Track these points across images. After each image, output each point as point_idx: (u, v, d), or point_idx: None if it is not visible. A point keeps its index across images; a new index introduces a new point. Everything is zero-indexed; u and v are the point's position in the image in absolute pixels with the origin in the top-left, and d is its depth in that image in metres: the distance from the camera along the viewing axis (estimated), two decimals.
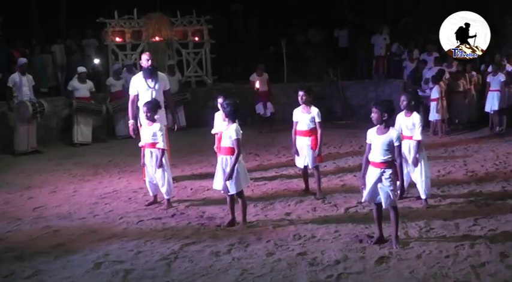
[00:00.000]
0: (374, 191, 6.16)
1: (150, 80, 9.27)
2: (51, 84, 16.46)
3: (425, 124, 14.90)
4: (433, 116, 13.66)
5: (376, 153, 6.10)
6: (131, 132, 9.42)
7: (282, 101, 16.65)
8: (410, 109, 7.69)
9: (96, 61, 16.73)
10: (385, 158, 6.05)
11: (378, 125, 6.13)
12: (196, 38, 17.34)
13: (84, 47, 17.36)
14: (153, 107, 8.03)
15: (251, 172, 10.14)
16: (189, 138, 13.40)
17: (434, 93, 13.51)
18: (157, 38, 16.61)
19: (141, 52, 16.22)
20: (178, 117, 11.63)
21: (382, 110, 6.07)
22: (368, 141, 6.22)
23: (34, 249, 6.44)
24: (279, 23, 20.74)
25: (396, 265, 5.68)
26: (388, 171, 6.06)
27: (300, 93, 8.22)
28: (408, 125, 7.66)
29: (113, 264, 5.91)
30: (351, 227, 6.93)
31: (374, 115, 6.11)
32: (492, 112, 13.86)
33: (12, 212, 8.09)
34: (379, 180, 6.09)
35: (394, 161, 6.07)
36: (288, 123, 9.19)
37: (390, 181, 6.06)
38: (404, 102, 7.67)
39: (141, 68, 10.08)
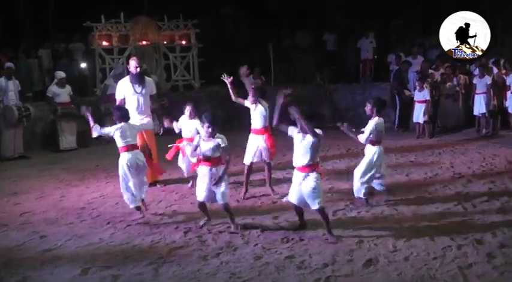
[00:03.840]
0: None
1: (137, 85, 9.32)
2: (37, 89, 16.36)
3: (403, 126, 15.15)
4: (421, 118, 13.71)
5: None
6: None
7: (268, 104, 16.64)
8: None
9: (83, 65, 16.65)
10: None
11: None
12: (184, 42, 17.34)
13: (71, 51, 17.28)
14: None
15: (240, 175, 10.15)
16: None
17: (425, 95, 13.57)
18: (144, 42, 16.58)
19: (129, 56, 16.22)
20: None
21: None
22: None
23: (21, 255, 6.40)
24: (268, 26, 20.75)
25: (384, 268, 5.70)
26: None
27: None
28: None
29: (101, 270, 5.88)
30: (339, 230, 6.93)
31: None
32: (480, 115, 13.94)
33: None
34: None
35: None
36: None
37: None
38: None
39: (127, 73, 10.07)
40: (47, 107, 14.02)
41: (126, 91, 9.34)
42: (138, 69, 9.33)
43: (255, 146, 8.63)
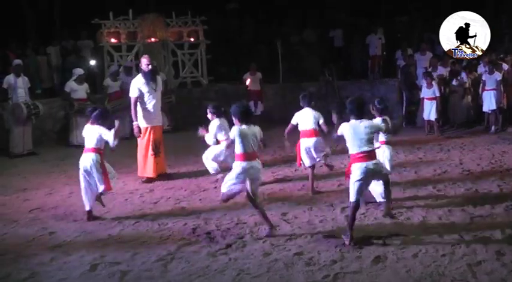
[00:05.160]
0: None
1: (151, 82, 9.55)
2: (46, 86, 16.44)
3: (410, 122, 15.12)
4: (432, 115, 13.64)
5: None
6: (136, 134, 9.69)
7: (277, 100, 16.68)
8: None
9: (92, 62, 16.71)
10: None
11: None
12: (192, 39, 17.35)
13: (80, 48, 17.34)
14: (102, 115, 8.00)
15: None
16: (184, 139, 13.37)
17: (435, 91, 13.51)
18: (152, 39, 16.60)
19: (137, 53, 16.30)
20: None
21: None
22: None
23: (30, 251, 6.44)
24: (273, 22, 20.74)
25: (393, 264, 5.69)
26: None
27: None
28: None
29: (110, 266, 5.91)
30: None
31: None
32: (490, 111, 13.86)
33: (8, 214, 8.07)
34: None
35: None
36: (283, 123, 9.25)
37: None
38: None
39: (137, 70, 10.16)
40: (56, 103, 14.10)
41: (142, 89, 9.51)
42: (150, 66, 9.51)
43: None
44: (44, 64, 16.52)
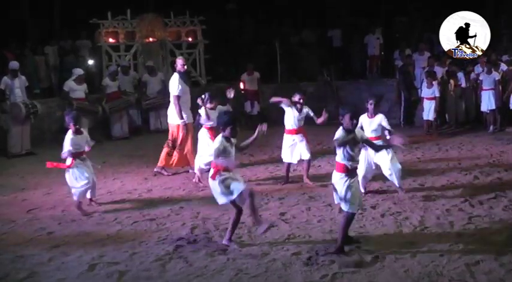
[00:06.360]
0: None
1: (187, 82, 10.06)
2: (44, 86, 16.41)
3: (408, 122, 15.12)
4: (431, 115, 13.65)
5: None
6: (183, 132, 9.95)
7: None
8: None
9: (90, 62, 16.70)
10: None
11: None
12: (190, 39, 17.35)
13: (78, 48, 17.32)
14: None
15: (245, 172, 10.16)
16: None
17: (435, 91, 13.52)
18: (150, 39, 16.60)
19: (135, 53, 16.30)
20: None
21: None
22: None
23: (29, 251, 6.43)
24: (273, 22, 20.72)
25: (391, 264, 5.69)
26: None
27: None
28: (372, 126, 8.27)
29: (108, 266, 5.91)
30: None
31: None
32: (488, 111, 13.85)
33: (6, 214, 8.06)
34: None
35: None
36: (280, 124, 9.29)
37: None
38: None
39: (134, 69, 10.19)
40: (54, 103, 14.09)
41: (183, 87, 9.83)
42: (185, 67, 10.05)
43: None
44: (42, 64, 16.48)
